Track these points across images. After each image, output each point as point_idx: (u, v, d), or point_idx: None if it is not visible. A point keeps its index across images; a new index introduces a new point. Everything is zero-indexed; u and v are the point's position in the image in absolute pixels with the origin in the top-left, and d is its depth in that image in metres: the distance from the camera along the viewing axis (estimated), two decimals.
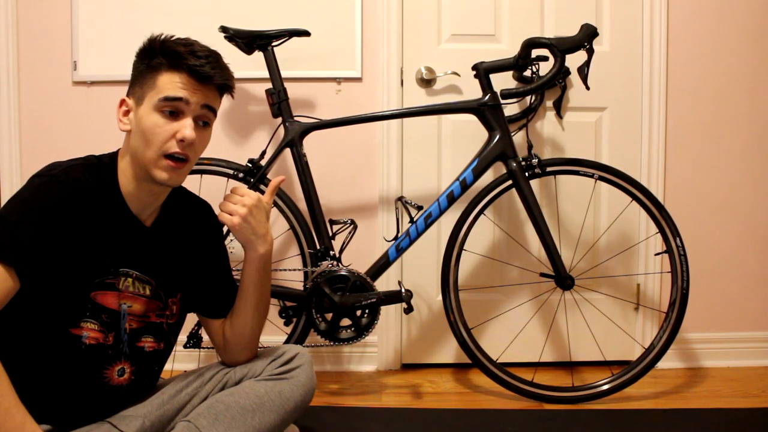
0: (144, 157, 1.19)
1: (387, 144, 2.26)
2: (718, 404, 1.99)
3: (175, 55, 1.19)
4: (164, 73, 1.19)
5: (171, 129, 1.18)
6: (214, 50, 1.24)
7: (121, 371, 1.24)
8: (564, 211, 2.29)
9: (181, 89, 1.18)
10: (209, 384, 1.35)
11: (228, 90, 1.28)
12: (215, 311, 1.42)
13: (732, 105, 2.31)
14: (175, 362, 2.08)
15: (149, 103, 1.19)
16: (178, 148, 1.18)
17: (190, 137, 1.18)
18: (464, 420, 1.87)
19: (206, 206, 1.43)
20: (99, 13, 2.21)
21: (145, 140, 1.18)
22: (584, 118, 2.30)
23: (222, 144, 2.24)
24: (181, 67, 1.19)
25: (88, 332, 1.18)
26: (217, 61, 1.23)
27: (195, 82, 1.19)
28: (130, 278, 1.23)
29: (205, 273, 1.39)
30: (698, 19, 2.28)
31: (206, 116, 1.23)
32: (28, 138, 2.25)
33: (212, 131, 1.29)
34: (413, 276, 2.29)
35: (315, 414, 1.81)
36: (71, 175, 1.16)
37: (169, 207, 1.32)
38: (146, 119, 1.18)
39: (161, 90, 1.18)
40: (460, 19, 2.26)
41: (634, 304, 2.34)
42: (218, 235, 1.44)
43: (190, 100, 1.19)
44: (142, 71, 1.22)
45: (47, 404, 1.17)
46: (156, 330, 1.30)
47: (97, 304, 1.19)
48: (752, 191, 2.33)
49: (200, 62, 1.19)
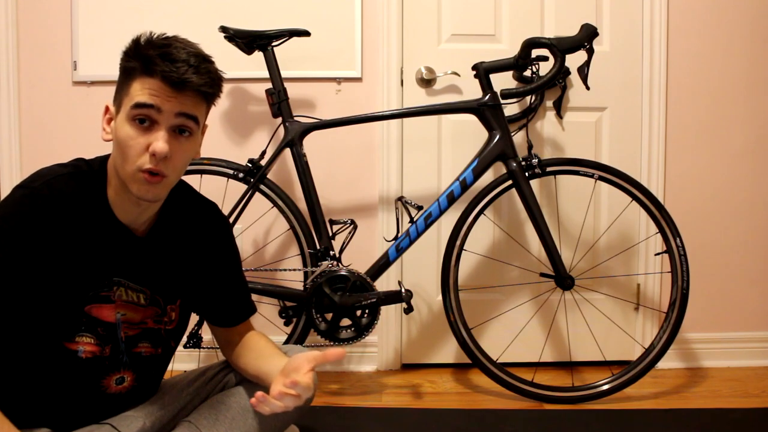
0: (122, 170, 1.10)
1: (387, 144, 2.26)
2: (718, 404, 1.99)
3: (147, 58, 1.07)
4: (137, 79, 1.09)
5: (143, 142, 1.08)
6: (197, 51, 1.12)
7: (119, 380, 1.21)
8: (564, 211, 2.29)
9: (151, 95, 1.07)
10: (210, 384, 1.35)
11: (211, 96, 1.15)
12: (222, 320, 1.36)
13: (732, 105, 2.31)
14: (175, 362, 2.08)
15: (124, 111, 1.10)
16: (150, 164, 1.08)
17: (162, 151, 1.07)
18: (464, 420, 1.87)
19: (211, 206, 1.34)
20: (99, 13, 2.21)
21: (121, 153, 1.10)
22: (584, 118, 2.30)
23: (222, 144, 2.24)
24: (153, 73, 1.07)
25: (84, 346, 1.14)
26: (198, 64, 1.10)
27: (168, 89, 1.07)
28: (123, 288, 1.18)
29: (211, 279, 1.32)
30: (698, 19, 2.28)
31: (185, 125, 1.11)
32: (28, 138, 2.25)
33: (200, 140, 1.18)
34: (413, 276, 2.29)
35: (315, 414, 1.81)
36: (54, 187, 1.09)
37: (168, 212, 1.24)
38: (121, 130, 1.10)
39: (133, 96, 1.08)
40: (460, 19, 2.26)
41: (634, 304, 2.34)
42: (225, 236, 1.35)
43: (162, 108, 1.07)
44: (120, 76, 1.13)
45: (44, 413, 1.16)
46: (153, 336, 1.25)
47: (92, 317, 1.14)
48: (752, 191, 2.33)
49: (173, 67, 1.07)
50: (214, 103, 1.19)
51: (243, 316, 1.38)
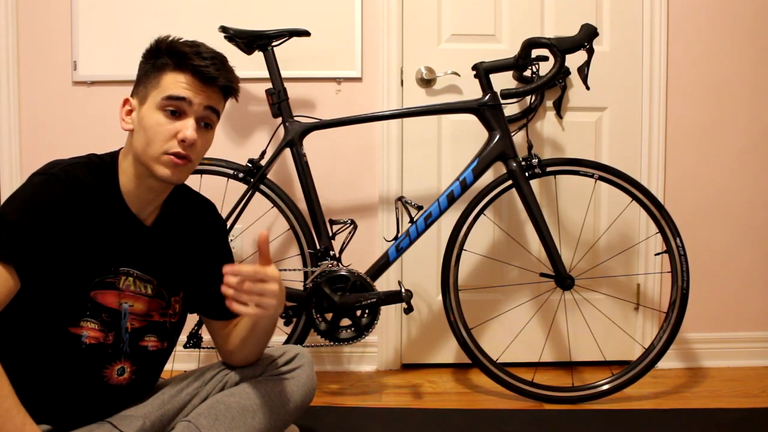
0: (146, 154, 1.19)
1: (387, 144, 2.26)
2: (718, 404, 1.99)
3: (181, 55, 1.19)
4: (169, 73, 1.20)
5: (173, 128, 1.18)
6: (219, 53, 1.25)
7: (120, 370, 1.24)
8: (564, 211, 2.29)
9: (184, 89, 1.19)
10: (210, 384, 1.35)
11: (232, 93, 1.28)
12: (217, 313, 1.40)
13: (732, 105, 2.31)
14: (175, 362, 2.09)
15: (152, 102, 1.19)
16: (179, 148, 1.18)
17: (191, 138, 1.18)
18: (464, 420, 1.87)
19: (209, 205, 1.42)
20: (99, 13, 2.21)
21: (146, 138, 1.18)
22: (584, 118, 2.30)
23: (222, 144, 2.24)
24: (186, 68, 1.19)
25: (88, 332, 1.18)
26: (223, 63, 1.24)
27: (199, 83, 1.20)
28: (132, 278, 1.23)
29: (207, 273, 1.36)
30: (698, 19, 2.28)
31: (208, 118, 1.23)
32: (28, 138, 2.25)
33: (214, 134, 1.29)
34: (413, 276, 2.29)
35: (315, 414, 1.81)
36: (71, 173, 1.16)
37: (170, 206, 1.31)
38: (149, 118, 1.19)
39: (165, 89, 1.19)
40: (460, 19, 2.26)
41: (634, 304, 2.34)
42: (221, 235, 1.43)
43: (193, 100, 1.19)
44: (147, 71, 1.22)
45: (46, 403, 1.17)
46: (159, 329, 1.29)
47: (98, 303, 1.19)
48: (752, 191, 2.33)
49: (205, 63, 1.19)
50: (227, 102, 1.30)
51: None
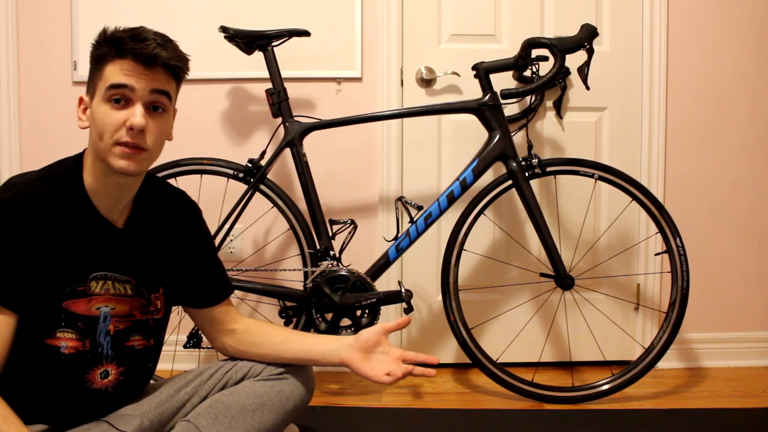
0: (99, 148, 1.15)
1: (387, 144, 2.26)
2: (718, 404, 1.99)
3: (118, 41, 1.14)
4: (110, 62, 1.15)
5: (120, 117, 1.14)
6: (162, 33, 1.20)
7: (104, 373, 1.22)
8: (564, 211, 2.29)
9: (125, 76, 1.14)
10: (209, 383, 1.35)
11: (180, 71, 1.22)
12: (202, 301, 1.40)
13: (732, 105, 2.31)
14: (175, 362, 2.09)
15: (99, 94, 1.16)
16: (128, 137, 1.14)
17: (139, 124, 1.13)
18: (464, 420, 1.87)
19: (180, 194, 1.39)
20: (99, 13, 2.21)
21: (97, 131, 1.15)
22: (584, 118, 2.30)
23: (222, 144, 2.24)
24: (125, 53, 1.14)
25: (66, 342, 1.16)
26: (165, 42, 1.18)
27: (140, 67, 1.15)
28: (109, 281, 1.20)
29: (188, 264, 1.36)
30: (698, 19, 2.28)
31: (158, 101, 1.18)
32: (28, 138, 2.25)
33: (172, 121, 1.24)
34: (413, 276, 2.29)
35: (315, 414, 1.81)
36: (27, 194, 1.12)
37: (141, 202, 1.28)
38: (97, 110, 1.15)
39: (108, 79, 1.15)
40: (460, 19, 2.26)
41: (634, 304, 2.34)
42: (196, 222, 1.40)
43: (135, 86, 1.14)
44: (92, 65, 1.19)
45: (34, 409, 1.17)
46: (143, 327, 1.28)
47: (71, 312, 1.16)
48: (752, 191, 2.33)
49: (144, 44, 1.14)
50: (180, 83, 1.25)
51: (222, 295, 1.42)
